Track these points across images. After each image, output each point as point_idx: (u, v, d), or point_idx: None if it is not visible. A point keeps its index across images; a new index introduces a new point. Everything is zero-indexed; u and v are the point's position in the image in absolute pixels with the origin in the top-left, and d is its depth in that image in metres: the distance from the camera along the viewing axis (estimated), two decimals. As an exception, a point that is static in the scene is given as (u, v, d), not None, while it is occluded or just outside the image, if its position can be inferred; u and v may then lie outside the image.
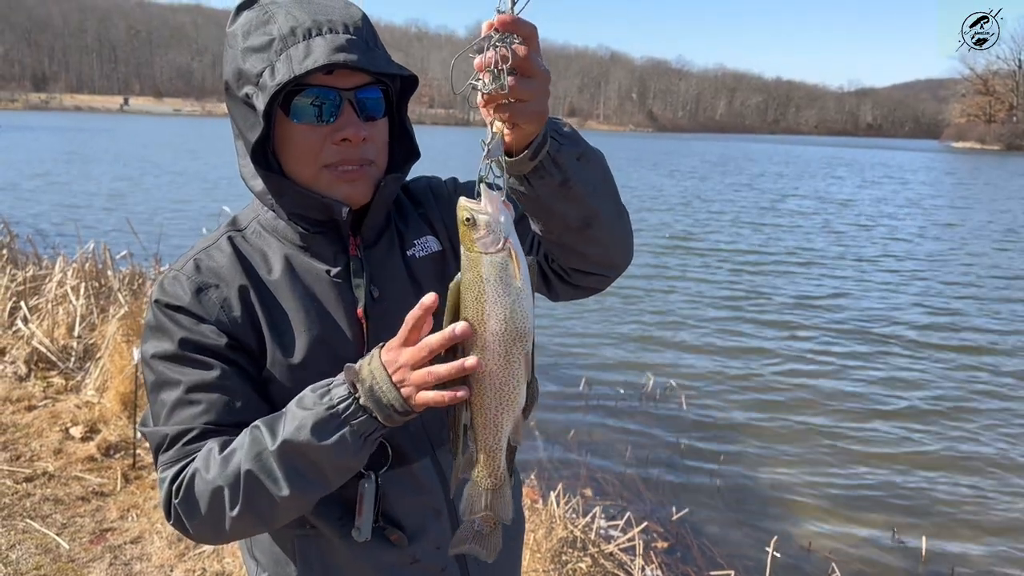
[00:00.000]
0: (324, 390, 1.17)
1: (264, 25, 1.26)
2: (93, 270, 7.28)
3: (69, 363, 6.17)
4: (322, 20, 1.25)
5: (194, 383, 1.27)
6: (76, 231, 9.23)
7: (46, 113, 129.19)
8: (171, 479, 1.25)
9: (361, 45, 1.25)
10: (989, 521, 5.40)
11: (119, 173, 29.10)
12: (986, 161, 72.49)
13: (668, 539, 4.89)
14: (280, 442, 1.16)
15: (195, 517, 1.24)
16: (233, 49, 1.30)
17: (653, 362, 8.49)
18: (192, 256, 1.38)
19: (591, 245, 1.35)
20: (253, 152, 1.30)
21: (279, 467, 1.17)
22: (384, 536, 1.38)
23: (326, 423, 1.14)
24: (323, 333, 1.34)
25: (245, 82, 1.27)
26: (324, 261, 1.38)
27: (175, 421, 1.27)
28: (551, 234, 1.32)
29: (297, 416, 1.17)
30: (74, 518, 4.19)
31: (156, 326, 1.32)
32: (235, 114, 1.33)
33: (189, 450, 1.26)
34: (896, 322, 10.71)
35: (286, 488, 1.17)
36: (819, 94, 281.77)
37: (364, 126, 1.30)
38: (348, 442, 1.15)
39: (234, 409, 1.28)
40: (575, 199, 1.25)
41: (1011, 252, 17.23)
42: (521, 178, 1.20)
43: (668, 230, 18.88)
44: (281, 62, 1.22)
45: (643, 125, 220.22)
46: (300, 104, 1.26)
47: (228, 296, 1.32)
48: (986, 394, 7.85)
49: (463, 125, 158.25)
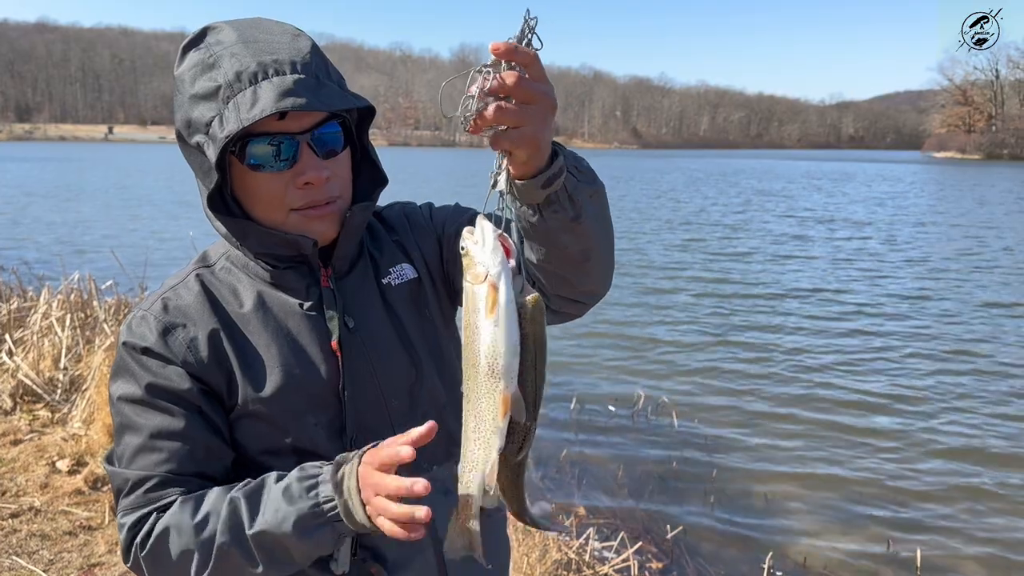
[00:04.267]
0: (312, 483, 1.17)
1: (209, 70, 1.23)
2: (78, 301, 7.22)
3: (55, 395, 6.10)
4: (267, 61, 1.21)
5: (157, 430, 1.28)
6: (61, 262, 9.16)
7: (30, 144, 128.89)
8: (132, 526, 1.27)
9: (310, 83, 1.21)
10: (983, 533, 5.39)
11: (103, 202, 28.99)
12: (969, 171, 73.13)
13: (663, 559, 4.85)
14: (259, 530, 1.18)
15: (159, 573, 1.27)
16: (181, 95, 1.27)
17: (643, 380, 8.47)
18: (160, 295, 1.36)
19: (584, 276, 1.33)
20: (211, 199, 1.28)
21: (256, 550, 1.19)
22: (363, 569, 1.36)
23: (309, 520, 1.16)
24: (297, 368, 1.32)
25: (195, 130, 1.25)
26: (296, 295, 1.37)
27: (137, 466, 1.28)
28: (549, 264, 1.28)
29: (280, 509, 1.18)
30: (61, 553, 4.13)
31: (123, 368, 1.32)
32: (190, 161, 1.31)
33: (150, 498, 1.27)
34: (888, 337, 10.73)
35: (261, 568, 1.20)
36: (801, 108, 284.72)
37: (325, 165, 1.28)
38: (327, 541, 1.19)
39: (196, 459, 1.29)
40: (582, 234, 1.22)
41: (994, 257, 17.35)
42: (534, 208, 1.16)
43: (661, 246, 18.93)
44: (229, 110, 1.19)
45: (628, 142, 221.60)
46: (255, 151, 1.24)
47: (196, 336, 1.31)
48: (979, 406, 7.86)
49: (449, 146, 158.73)
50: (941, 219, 26.70)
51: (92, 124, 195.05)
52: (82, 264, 10.55)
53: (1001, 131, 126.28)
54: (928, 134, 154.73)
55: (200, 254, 1.45)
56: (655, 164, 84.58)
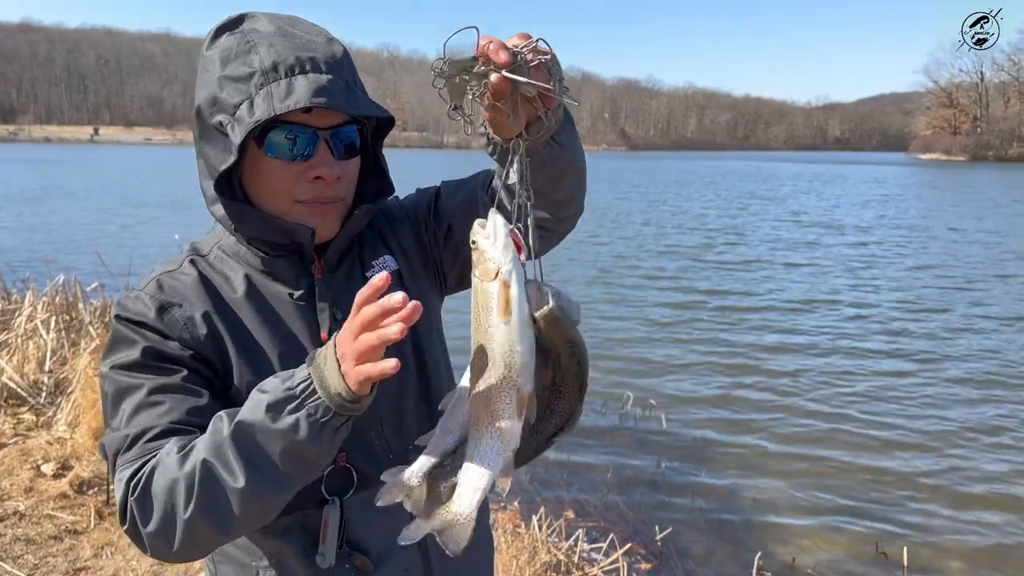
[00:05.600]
0: (288, 374, 1.14)
1: (245, 55, 1.25)
2: (63, 303, 7.17)
3: (40, 398, 6.05)
4: (304, 57, 1.24)
5: (158, 385, 1.24)
6: (45, 264, 9.10)
7: (15, 145, 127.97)
8: (128, 477, 1.19)
9: (341, 86, 1.25)
10: (971, 534, 5.42)
11: (89, 205, 28.80)
12: (958, 173, 73.63)
13: (651, 560, 4.86)
14: (234, 425, 1.12)
15: (148, 517, 1.16)
16: (209, 74, 1.28)
17: (632, 382, 8.47)
18: (154, 277, 1.37)
19: (560, 185, 1.38)
20: (218, 181, 1.28)
21: (233, 454, 1.11)
22: (349, 562, 1.36)
23: (281, 404, 1.10)
24: (288, 354, 1.33)
25: (220, 110, 1.26)
26: (286, 284, 1.38)
27: (136, 423, 1.23)
28: (535, 182, 1.28)
29: (255, 398, 1.14)
30: (47, 558, 4.09)
31: (119, 339, 1.29)
32: (204, 138, 1.31)
33: (151, 447, 1.20)
34: (876, 338, 10.79)
35: (241, 477, 1.11)
36: (788, 110, 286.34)
37: (338, 164, 1.31)
38: (301, 426, 1.09)
39: (200, 410, 1.24)
40: (563, 152, 1.30)
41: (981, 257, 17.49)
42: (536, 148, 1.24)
43: (648, 248, 18.98)
44: (261, 97, 1.21)
45: (616, 144, 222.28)
46: (275, 140, 1.26)
47: (192, 315, 1.31)
48: (967, 410, 7.91)
49: (437, 148, 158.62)
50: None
51: (77, 125, 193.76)
52: (67, 267, 10.47)
53: (986, 133, 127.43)
54: (914, 136, 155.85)
55: (190, 245, 1.46)
56: (644, 166, 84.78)
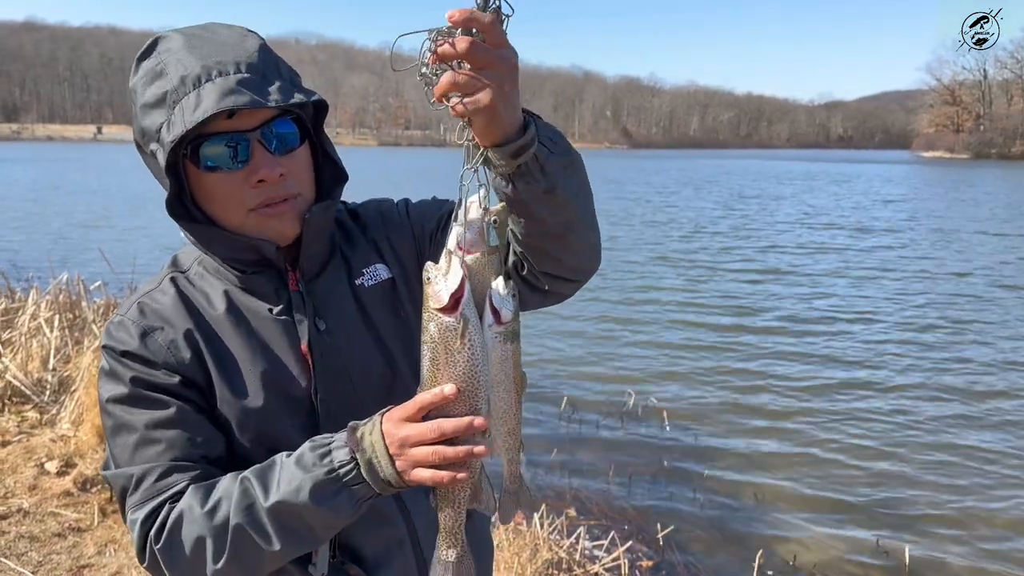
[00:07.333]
0: (324, 450, 1.16)
1: (157, 79, 1.23)
2: (67, 302, 7.19)
3: (44, 396, 6.07)
4: (211, 64, 1.21)
5: (152, 421, 1.26)
6: (49, 262, 9.12)
7: (18, 144, 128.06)
8: (144, 519, 1.23)
9: (255, 81, 1.21)
10: (971, 532, 5.42)
11: (92, 203, 28.81)
12: (959, 170, 73.44)
13: (653, 558, 4.87)
14: (275, 501, 1.16)
15: (176, 564, 1.22)
16: (136, 105, 1.27)
17: (634, 380, 8.48)
18: (136, 300, 1.37)
19: (567, 251, 1.31)
20: (170, 206, 1.28)
21: (271, 524, 1.16)
22: (343, 571, 1.36)
23: (326, 487, 1.14)
24: (270, 372, 1.32)
25: (149, 139, 1.25)
26: (266, 300, 1.36)
27: (139, 461, 1.26)
28: (530, 237, 1.27)
29: (295, 477, 1.15)
30: (50, 555, 4.11)
31: (108, 371, 1.32)
32: (152, 170, 1.32)
33: (158, 487, 1.24)
34: (876, 338, 10.79)
35: (277, 544, 1.17)
36: (790, 108, 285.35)
37: (279, 162, 1.26)
38: (346, 507, 1.15)
39: (196, 443, 1.27)
40: (558, 206, 1.21)
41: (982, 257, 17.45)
42: (506, 178, 1.16)
43: (650, 249, 18.97)
44: (176, 115, 1.19)
45: (618, 142, 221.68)
46: (207, 153, 1.23)
47: (174, 338, 1.31)
48: (966, 407, 7.91)
49: (439, 146, 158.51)
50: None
51: (81, 124, 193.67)
52: (71, 265, 10.49)
53: (989, 130, 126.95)
54: (916, 134, 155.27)
55: (171, 259, 1.45)
56: (647, 164, 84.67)
